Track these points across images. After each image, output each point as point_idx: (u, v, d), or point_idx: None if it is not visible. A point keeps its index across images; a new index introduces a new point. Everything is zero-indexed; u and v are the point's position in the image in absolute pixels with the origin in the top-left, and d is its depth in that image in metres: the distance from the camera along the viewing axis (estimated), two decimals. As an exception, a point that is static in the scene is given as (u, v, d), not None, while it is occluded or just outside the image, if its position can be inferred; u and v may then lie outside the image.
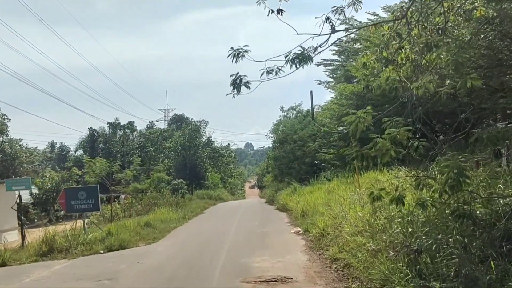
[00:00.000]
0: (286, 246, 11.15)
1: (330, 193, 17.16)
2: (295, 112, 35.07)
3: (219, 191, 43.76)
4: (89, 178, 17.77)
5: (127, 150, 48.22)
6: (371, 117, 6.12)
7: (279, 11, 6.75)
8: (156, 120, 65.88)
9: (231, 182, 59.67)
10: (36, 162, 54.74)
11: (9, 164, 35.32)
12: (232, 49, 7.42)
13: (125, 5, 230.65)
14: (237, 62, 7.55)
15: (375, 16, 26.83)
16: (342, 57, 29.37)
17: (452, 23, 7.94)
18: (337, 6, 6.59)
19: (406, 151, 5.89)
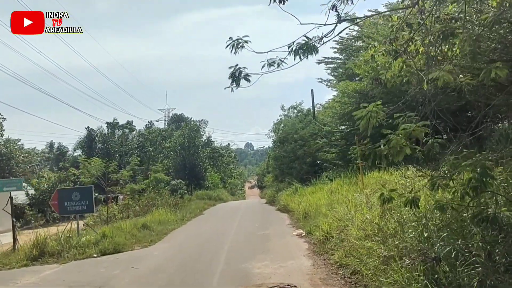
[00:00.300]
0: (288, 249, 10.61)
1: (332, 193, 16.67)
2: (295, 111, 34.46)
3: (218, 192, 43.22)
4: (84, 178, 17.24)
5: (126, 150, 47.68)
6: (383, 112, 5.57)
7: (281, 0, 6.25)
8: (156, 120, 65.37)
9: (231, 182, 59.15)
10: (34, 162, 54.38)
11: (5, 164, 34.77)
12: (231, 39, 6.90)
13: (125, 5, 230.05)
14: (236, 53, 7.04)
15: (377, 13, 26.34)
16: (343, 55, 28.81)
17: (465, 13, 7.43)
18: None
19: (422, 149, 5.35)
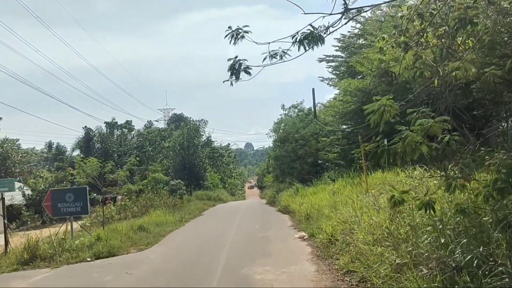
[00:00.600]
0: (290, 253, 10.12)
1: (335, 194, 16.22)
2: (296, 110, 33.96)
3: (218, 192, 42.73)
4: (79, 179, 16.74)
5: (125, 150, 47.17)
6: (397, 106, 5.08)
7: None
8: (155, 120, 64.83)
9: (231, 182, 58.67)
10: (32, 162, 53.87)
11: (0, 164, 34.24)
12: (230, 29, 6.41)
13: (125, 5, 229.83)
14: (235, 43, 6.56)
15: (379, 11, 25.85)
16: (345, 53, 28.31)
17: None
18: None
19: (440, 146, 4.86)
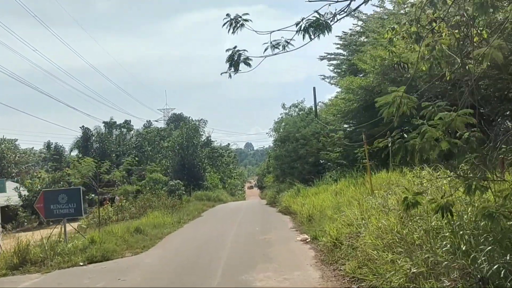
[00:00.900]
0: (293, 258, 9.61)
1: (338, 194, 15.76)
2: (297, 109, 33.36)
3: (218, 192, 42.25)
4: (74, 179, 16.23)
5: (124, 150, 46.64)
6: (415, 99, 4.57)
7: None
8: (155, 120, 64.31)
9: (231, 182, 58.19)
10: (30, 162, 53.38)
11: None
12: (228, 17, 5.91)
13: (124, 5, 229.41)
14: (234, 33, 6.06)
15: (381, 8, 25.36)
16: (347, 51, 27.80)
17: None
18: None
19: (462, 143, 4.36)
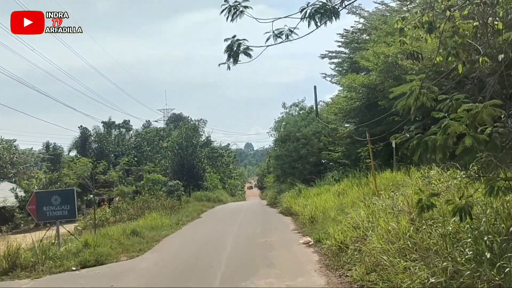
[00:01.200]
0: (295, 262, 9.13)
1: (340, 195, 15.33)
2: (297, 108, 32.85)
3: (218, 193, 41.77)
4: (69, 180, 15.75)
5: (123, 150, 46.14)
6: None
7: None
8: (155, 120, 63.72)
9: (231, 183, 57.70)
10: (28, 163, 52.89)
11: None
12: (226, 2, 5.44)
13: (125, 5, 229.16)
14: (233, 20, 5.59)
15: (383, 5, 24.92)
16: (348, 49, 27.34)
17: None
18: None
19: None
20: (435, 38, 6.00)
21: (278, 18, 5.55)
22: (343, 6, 5.14)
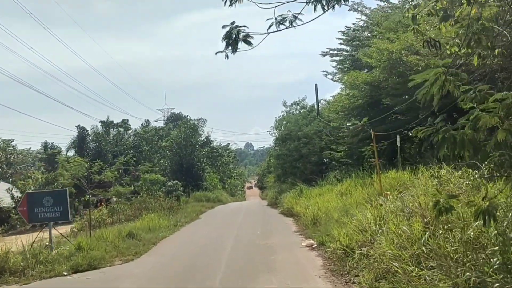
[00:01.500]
0: (298, 267, 8.64)
1: (343, 195, 14.86)
2: (298, 107, 32.34)
3: (218, 193, 41.29)
4: (63, 180, 15.25)
5: (121, 149, 45.62)
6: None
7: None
8: (154, 120, 63.16)
9: (231, 183, 57.23)
10: (26, 163, 52.39)
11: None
12: (224, -15, 4.96)
13: (124, 6, 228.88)
14: (231, 5, 5.12)
15: (384, 2, 24.45)
16: (349, 46, 26.88)
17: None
18: None
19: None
20: (450, 26, 5.54)
21: (281, 3, 5.08)
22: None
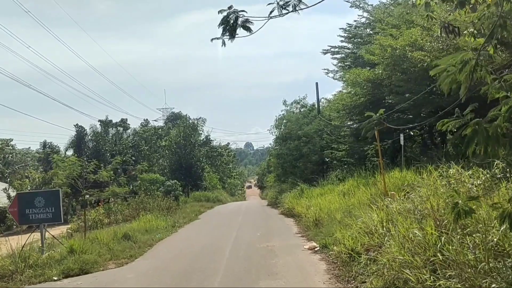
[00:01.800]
0: (301, 271, 8.17)
1: (346, 196, 14.43)
2: (299, 106, 31.85)
3: (217, 193, 40.87)
4: (57, 180, 14.79)
5: (120, 149, 45.12)
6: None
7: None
8: (154, 119, 62.66)
9: (231, 182, 56.80)
10: (24, 162, 51.94)
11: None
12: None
13: (124, 6, 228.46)
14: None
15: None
16: (351, 44, 26.40)
17: None
18: None
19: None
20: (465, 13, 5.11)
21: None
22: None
